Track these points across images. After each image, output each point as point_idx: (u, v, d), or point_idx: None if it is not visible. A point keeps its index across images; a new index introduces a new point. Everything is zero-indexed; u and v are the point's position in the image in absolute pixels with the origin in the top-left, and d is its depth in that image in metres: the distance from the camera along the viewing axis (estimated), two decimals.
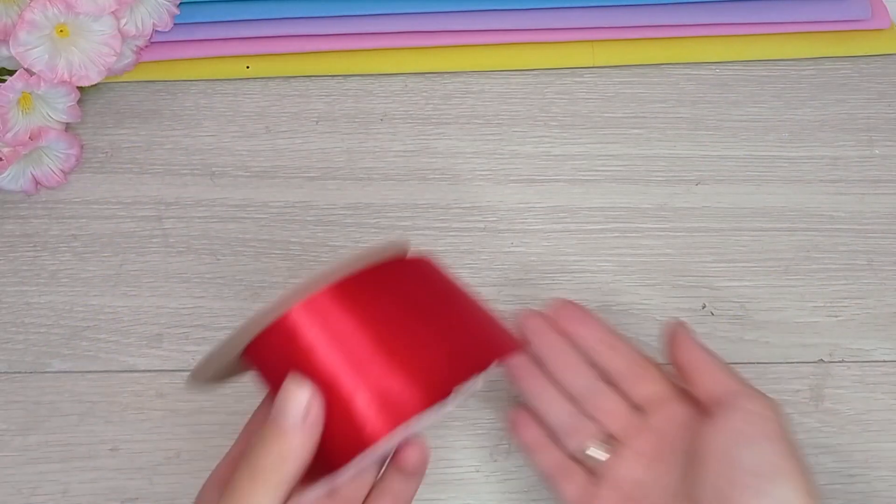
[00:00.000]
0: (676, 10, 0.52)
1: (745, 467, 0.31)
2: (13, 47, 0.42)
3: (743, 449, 0.31)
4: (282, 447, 0.27)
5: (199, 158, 0.50)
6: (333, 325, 0.27)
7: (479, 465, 0.41)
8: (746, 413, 0.32)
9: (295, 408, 0.27)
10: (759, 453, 0.31)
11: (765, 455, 0.31)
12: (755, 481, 0.30)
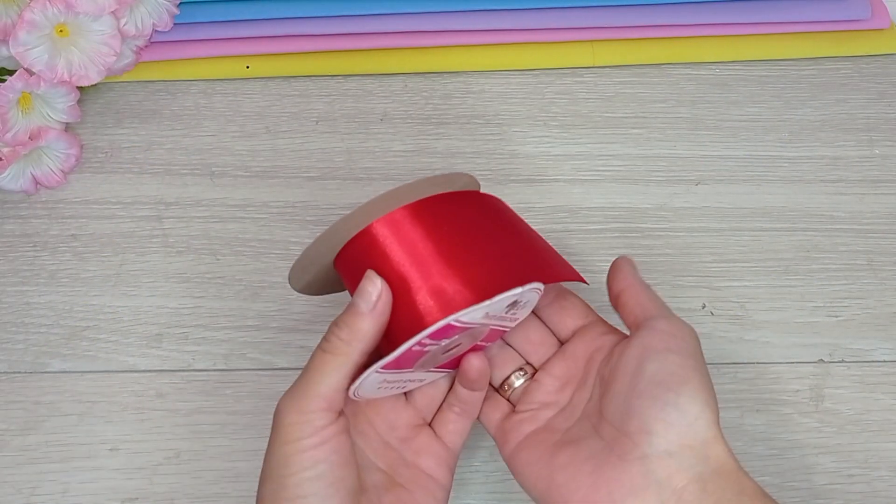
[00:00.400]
0: (676, 10, 0.52)
1: (649, 378, 0.31)
2: (13, 47, 0.42)
3: (649, 362, 0.32)
4: (353, 327, 0.31)
5: (199, 158, 0.50)
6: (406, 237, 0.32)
7: (479, 465, 0.41)
8: (657, 331, 0.33)
9: (368, 296, 0.31)
10: (664, 365, 0.32)
11: (668, 367, 0.32)
12: (657, 391, 0.31)
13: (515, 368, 0.37)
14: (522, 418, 0.36)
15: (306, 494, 0.30)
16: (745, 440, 0.42)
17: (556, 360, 0.37)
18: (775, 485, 0.41)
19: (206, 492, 0.41)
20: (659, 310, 0.34)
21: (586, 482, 0.31)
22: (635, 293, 0.35)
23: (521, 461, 0.34)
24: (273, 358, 0.44)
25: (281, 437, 0.31)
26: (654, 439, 0.30)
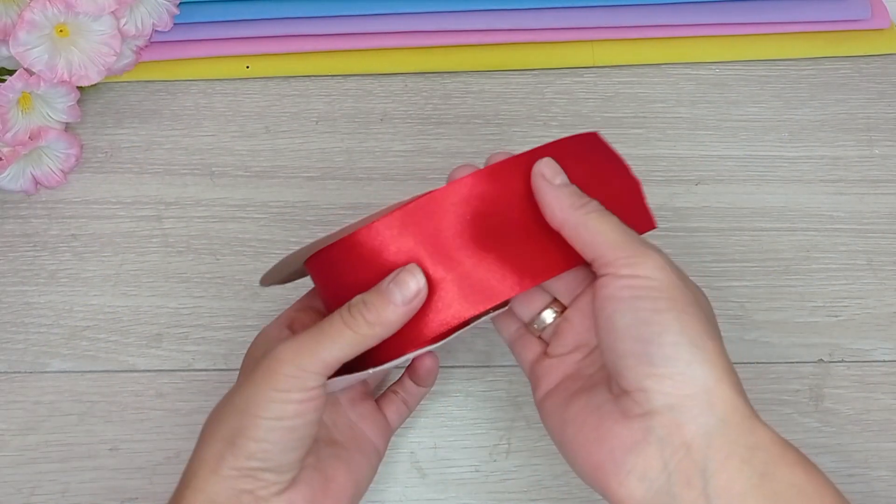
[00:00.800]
0: (676, 10, 0.52)
1: (624, 335, 0.29)
2: (13, 47, 0.42)
3: (618, 315, 0.29)
4: (381, 314, 0.30)
5: (199, 158, 0.50)
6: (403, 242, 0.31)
7: (479, 465, 0.41)
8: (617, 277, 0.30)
9: (406, 289, 0.30)
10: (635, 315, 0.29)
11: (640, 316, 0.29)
12: (636, 346, 0.29)
13: (545, 305, 0.35)
14: (552, 364, 0.34)
15: (272, 440, 0.31)
16: None
17: (585, 296, 0.34)
18: None
19: None
20: (611, 249, 0.30)
21: (591, 437, 0.30)
22: (572, 232, 0.31)
23: (546, 410, 0.33)
24: None
25: (272, 382, 0.31)
26: (651, 395, 0.28)
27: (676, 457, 0.28)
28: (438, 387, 0.43)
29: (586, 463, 0.30)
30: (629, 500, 0.28)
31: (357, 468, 0.35)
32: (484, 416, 0.42)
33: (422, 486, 0.41)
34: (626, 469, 0.28)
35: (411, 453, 0.42)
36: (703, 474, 0.28)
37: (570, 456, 0.31)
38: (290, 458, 0.31)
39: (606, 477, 0.29)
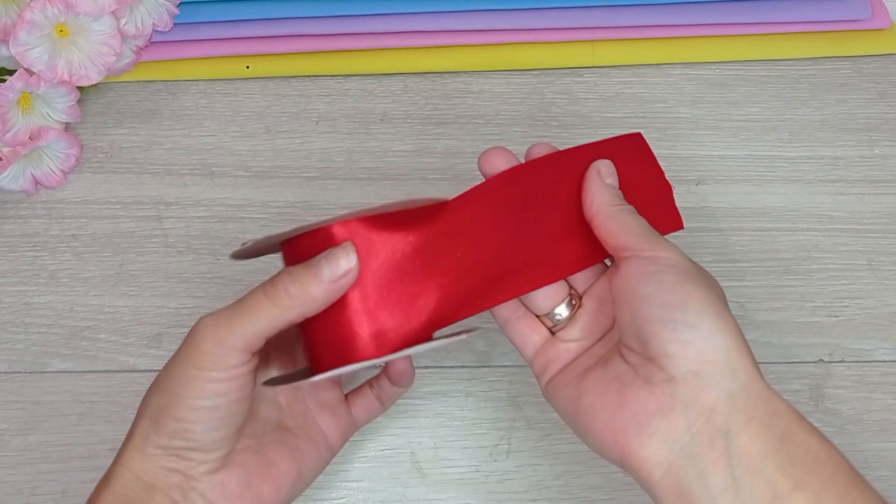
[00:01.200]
0: (676, 10, 0.52)
1: (648, 302, 0.30)
2: (13, 47, 0.42)
3: (642, 286, 0.30)
4: (306, 288, 0.30)
5: (199, 158, 0.50)
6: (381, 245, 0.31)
7: (479, 465, 0.41)
8: (643, 258, 0.31)
9: (335, 266, 0.30)
10: (660, 286, 0.30)
11: (665, 286, 0.30)
12: (661, 312, 0.30)
13: (561, 299, 0.35)
14: (562, 347, 0.34)
15: (194, 420, 0.30)
16: None
17: (600, 283, 0.35)
18: None
19: None
20: (636, 238, 0.32)
21: (612, 403, 0.30)
22: (604, 222, 0.33)
23: (556, 387, 0.33)
24: None
25: (191, 359, 0.30)
26: (675, 361, 0.29)
27: (700, 420, 0.29)
28: (438, 387, 0.43)
29: (606, 427, 0.30)
30: (651, 460, 0.29)
31: (303, 457, 0.34)
32: (484, 416, 0.42)
33: (422, 486, 0.41)
34: (649, 431, 0.29)
35: (411, 453, 0.42)
36: (726, 436, 0.28)
37: (586, 423, 0.31)
38: (215, 437, 0.31)
39: (628, 440, 0.29)
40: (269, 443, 0.33)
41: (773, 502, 0.27)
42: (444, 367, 0.44)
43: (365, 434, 0.42)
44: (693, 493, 0.28)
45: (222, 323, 0.30)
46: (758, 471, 0.28)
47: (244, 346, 0.30)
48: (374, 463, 0.42)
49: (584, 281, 0.35)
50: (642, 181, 0.36)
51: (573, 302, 0.35)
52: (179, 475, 0.31)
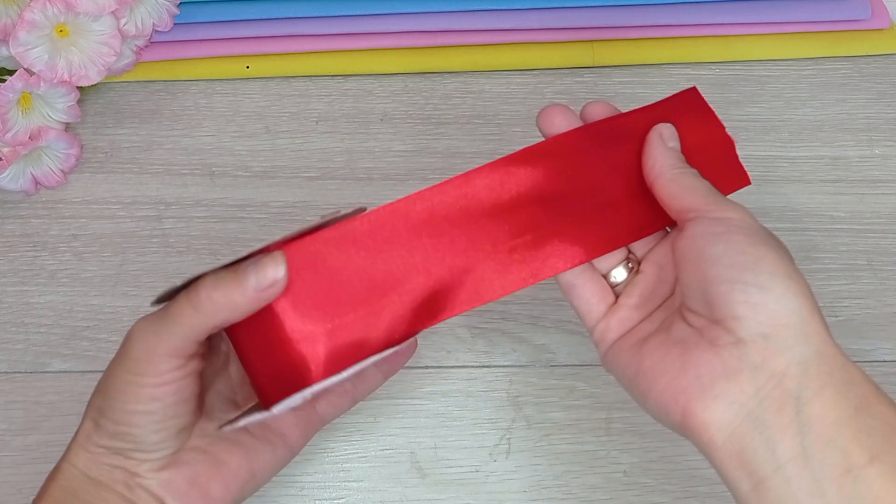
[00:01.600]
0: (676, 10, 0.52)
1: (717, 262, 0.29)
2: (13, 47, 0.42)
3: (711, 247, 0.29)
4: (230, 296, 0.29)
5: (199, 158, 0.50)
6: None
7: (479, 465, 0.41)
8: (709, 219, 0.30)
9: (262, 276, 0.29)
10: (730, 246, 0.29)
11: (736, 247, 0.29)
12: (731, 273, 0.29)
13: (619, 261, 0.34)
14: (622, 316, 0.33)
15: (132, 423, 0.30)
16: None
17: (660, 249, 0.34)
18: None
19: None
20: (702, 199, 0.31)
21: (675, 365, 0.29)
22: (666, 184, 0.32)
23: (614, 351, 0.33)
24: None
25: (125, 364, 0.30)
26: (744, 323, 0.28)
27: (770, 384, 0.28)
28: (438, 387, 0.43)
29: (667, 389, 0.29)
30: (713, 424, 0.28)
31: (256, 457, 0.34)
32: (484, 416, 0.42)
33: (422, 486, 0.41)
34: (713, 394, 0.28)
35: (411, 453, 0.42)
36: (797, 402, 0.27)
37: (646, 386, 0.30)
38: (156, 439, 0.31)
39: (690, 402, 0.28)
40: (222, 441, 0.33)
41: (845, 474, 0.26)
42: (444, 367, 0.44)
43: (365, 434, 0.42)
44: (757, 460, 0.27)
45: (152, 329, 0.30)
46: (831, 440, 0.27)
47: (173, 353, 0.30)
48: (374, 463, 0.42)
49: (642, 247, 0.34)
50: (703, 139, 0.35)
51: (630, 266, 0.34)
52: (124, 472, 0.31)
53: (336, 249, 0.31)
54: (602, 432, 0.42)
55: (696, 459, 0.41)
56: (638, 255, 0.35)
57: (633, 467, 0.41)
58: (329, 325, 0.30)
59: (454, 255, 0.32)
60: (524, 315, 0.45)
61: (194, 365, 0.31)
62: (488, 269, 0.32)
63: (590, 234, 0.33)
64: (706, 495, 0.41)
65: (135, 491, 0.31)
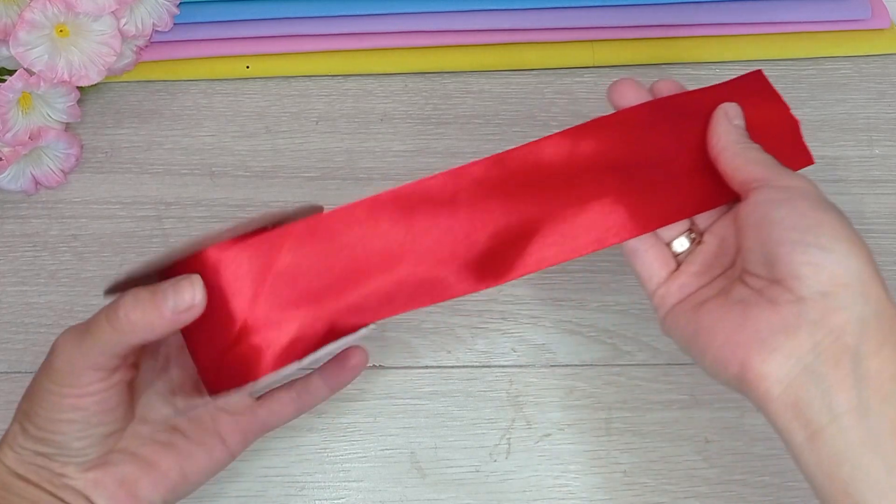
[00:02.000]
0: (676, 10, 0.52)
1: (780, 225, 0.30)
2: (13, 47, 0.42)
3: (775, 211, 0.30)
4: (148, 317, 0.29)
5: (199, 158, 0.50)
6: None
7: (479, 465, 0.41)
8: (773, 188, 0.31)
9: (180, 299, 0.29)
10: (793, 210, 0.30)
11: (798, 211, 0.30)
12: (794, 234, 0.29)
13: (682, 231, 0.35)
14: (682, 282, 0.34)
15: (55, 431, 0.31)
16: (745, 440, 0.42)
17: (722, 222, 0.35)
18: (775, 485, 0.41)
19: (205, 492, 0.40)
20: (767, 170, 0.32)
21: (734, 322, 0.30)
22: (731, 157, 0.33)
23: (674, 314, 0.33)
24: None
25: (48, 374, 0.31)
26: (805, 282, 0.29)
27: (828, 340, 0.28)
28: (438, 387, 0.43)
29: (726, 343, 0.30)
30: (771, 375, 0.29)
31: (190, 461, 0.34)
32: (484, 416, 0.42)
33: (422, 486, 0.41)
34: (771, 347, 0.29)
35: (411, 453, 0.42)
36: (854, 357, 0.28)
37: (705, 342, 0.31)
38: (80, 445, 0.31)
39: (749, 355, 0.29)
40: (154, 444, 0.34)
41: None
42: (444, 367, 0.44)
43: (365, 434, 0.42)
44: (812, 410, 0.28)
45: (74, 341, 0.30)
46: (889, 395, 0.28)
47: (94, 367, 0.30)
48: (374, 463, 0.42)
49: (705, 220, 0.35)
50: (767, 119, 0.36)
51: (693, 237, 0.35)
52: (50, 472, 0.32)
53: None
54: (602, 432, 0.42)
55: (695, 459, 0.41)
56: (700, 228, 0.35)
57: (633, 467, 0.41)
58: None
59: (520, 218, 0.33)
60: (524, 315, 0.45)
61: (120, 376, 0.31)
62: (554, 234, 0.33)
63: (654, 205, 0.34)
64: (706, 495, 0.41)
65: (62, 490, 0.32)
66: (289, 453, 0.42)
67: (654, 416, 0.42)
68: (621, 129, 0.34)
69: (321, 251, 0.31)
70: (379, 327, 0.43)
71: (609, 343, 0.44)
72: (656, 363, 0.43)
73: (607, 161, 0.34)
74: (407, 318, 0.44)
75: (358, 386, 0.43)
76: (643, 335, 0.44)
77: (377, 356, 0.44)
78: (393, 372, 0.43)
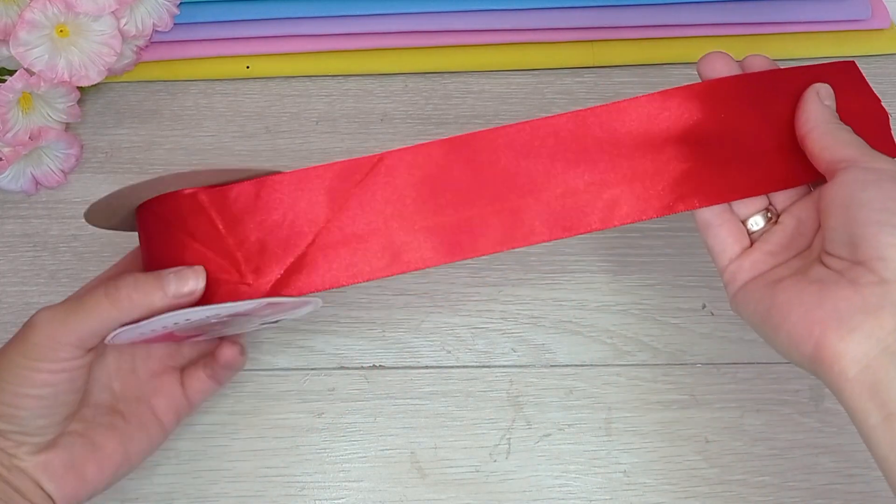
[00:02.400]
0: (676, 10, 0.52)
1: (867, 206, 0.30)
2: (13, 47, 0.42)
3: (862, 192, 0.30)
4: (148, 297, 0.31)
5: (199, 158, 0.50)
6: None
7: (479, 465, 0.41)
8: (861, 169, 0.31)
9: (182, 285, 0.32)
10: (880, 191, 0.30)
11: (891, 193, 0.30)
12: (881, 216, 0.29)
13: (759, 209, 0.35)
14: (756, 259, 0.34)
15: (21, 407, 0.32)
16: (745, 440, 0.42)
17: (802, 203, 0.35)
18: (775, 485, 0.41)
19: (205, 492, 0.41)
20: (855, 150, 0.32)
21: (811, 299, 0.30)
22: (820, 137, 0.33)
23: (745, 291, 0.33)
24: (273, 358, 0.44)
25: (22, 349, 0.31)
26: (889, 265, 0.28)
27: None
28: (438, 387, 0.43)
29: (801, 320, 0.30)
30: (848, 354, 0.29)
31: (131, 441, 0.36)
32: (484, 416, 0.42)
33: (422, 486, 0.41)
34: (850, 326, 0.29)
35: (411, 453, 0.42)
36: None
37: (779, 319, 0.31)
38: (41, 424, 0.32)
39: (825, 332, 0.29)
40: (98, 427, 0.35)
41: None
42: (444, 367, 0.44)
43: (365, 434, 0.42)
44: (891, 392, 0.28)
45: (58, 317, 0.31)
46: None
47: (77, 343, 0.31)
48: (374, 463, 0.42)
49: (783, 201, 0.35)
50: (857, 109, 0.36)
51: (770, 216, 0.35)
52: (2, 452, 0.32)
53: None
54: (602, 432, 0.42)
55: (695, 459, 0.41)
56: (778, 208, 0.35)
57: (633, 467, 0.41)
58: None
59: (594, 177, 0.34)
60: (524, 315, 0.45)
61: (91, 357, 0.32)
62: (626, 195, 0.34)
63: (732, 178, 0.34)
64: (706, 495, 0.41)
65: (12, 471, 0.32)
66: (289, 453, 0.42)
67: (654, 416, 0.42)
68: (708, 99, 0.34)
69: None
70: (381, 328, 0.43)
71: (609, 343, 0.44)
72: (656, 363, 0.43)
73: (688, 129, 0.34)
74: (407, 318, 0.44)
75: (358, 386, 0.43)
76: (643, 335, 0.44)
77: (377, 356, 0.44)
78: (393, 372, 0.43)
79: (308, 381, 0.43)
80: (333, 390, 0.43)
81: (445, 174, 0.33)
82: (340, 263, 0.33)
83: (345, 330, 0.44)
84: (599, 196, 0.34)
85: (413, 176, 0.33)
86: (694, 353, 0.44)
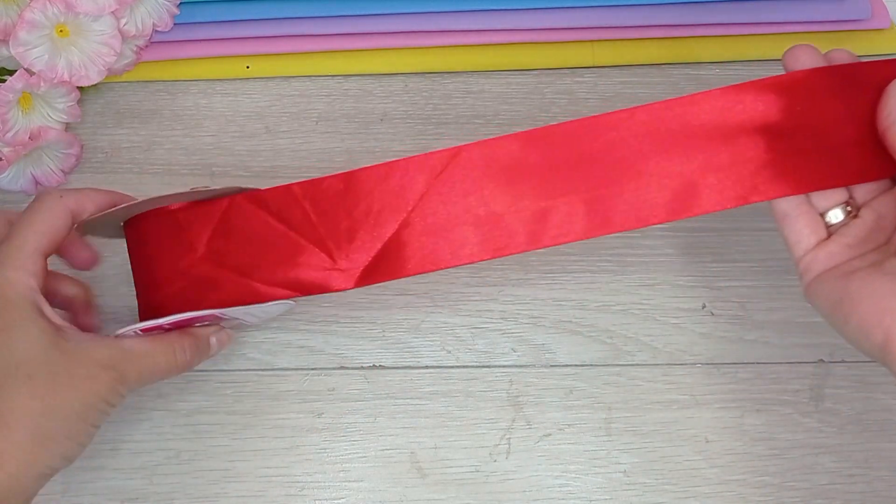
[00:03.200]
0: (676, 10, 0.52)
1: None
2: (13, 47, 0.42)
3: None
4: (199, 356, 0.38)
5: (199, 158, 0.50)
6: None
7: (479, 465, 0.41)
8: None
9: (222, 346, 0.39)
10: None
11: None
12: None
13: (838, 202, 0.35)
14: (832, 251, 0.34)
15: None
16: (745, 440, 0.42)
17: (884, 198, 0.35)
18: (775, 485, 0.41)
19: (205, 492, 0.41)
20: None
21: (882, 290, 0.30)
22: None
23: (819, 280, 0.33)
24: (273, 358, 0.44)
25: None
26: None
27: None
28: (438, 387, 0.43)
29: (872, 310, 0.30)
30: None
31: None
32: (484, 416, 0.42)
33: (422, 486, 0.41)
34: None
35: (411, 453, 0.42)
36: None
37: (850, 308, 0.31)
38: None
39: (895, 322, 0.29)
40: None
41: None
42: (444, 367, 0.44)
43: (365, 434, 0.42)
44: None
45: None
46: None
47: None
48: (374, 463, 0.42)
49: (864, 195, 0.35)
50: None
51: (849, 210, 0.35)
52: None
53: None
54: (602, 432, 0.42)
55: (695, 459, 0.41)
56: (858, 202, 0.35)
57: (633, 467, 0.41)
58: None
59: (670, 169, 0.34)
60: (524, 315, 0.45)
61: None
62: (702, 187, 0.34)
63: (810, 170, 0.34)
64: (706, 495, 0.41)
65: None
66: (289, 453, 0.42)
67: (654, 416, 0.42)
68: (785, 91, 0.34)
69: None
70: (381, 329, 0.43)
71: (609, 343, 0.44)
72: (656, 363, 0.43)
73: (764, 121, 0.34)
74: (407, 318, 0.44)
75: (358, 386, 0.43)
76: (643, 335, 0.44)
77: (377, 356, 0.44)
78: (393, 372, 0.43)
79: (308, 381, 0.43)
80: (333, 390, 0.43)
81: (522, 165, 0.35)
82: (424, 252, 0.35)
83: (345, 330, 0.44)
84: (673, 187, 0.34)
85: (490, 167, 0.35)
86: (694, 353, 0.44)
